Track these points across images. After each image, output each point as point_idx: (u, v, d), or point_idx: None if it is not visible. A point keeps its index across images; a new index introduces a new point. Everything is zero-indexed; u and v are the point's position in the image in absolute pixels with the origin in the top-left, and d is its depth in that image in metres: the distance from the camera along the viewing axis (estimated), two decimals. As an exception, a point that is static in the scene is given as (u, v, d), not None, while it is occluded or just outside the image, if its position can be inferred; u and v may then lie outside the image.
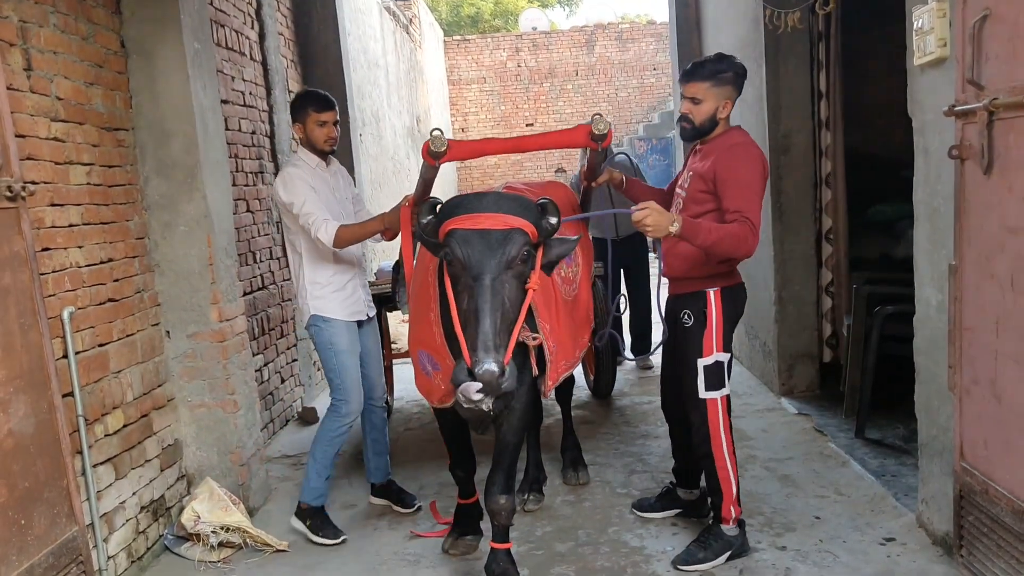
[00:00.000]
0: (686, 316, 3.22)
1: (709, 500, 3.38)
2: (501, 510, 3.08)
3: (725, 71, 3.12)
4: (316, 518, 3.76)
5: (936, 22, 2.87)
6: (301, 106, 3.75)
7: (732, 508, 3.27)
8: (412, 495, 4.07)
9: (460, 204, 2.71)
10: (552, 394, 3.34)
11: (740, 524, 3.31)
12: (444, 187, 15.43)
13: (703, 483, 3.46)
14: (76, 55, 3.36)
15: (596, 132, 2.94)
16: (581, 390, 5.69)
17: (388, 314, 5.47)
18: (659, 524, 3.68)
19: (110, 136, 3.59)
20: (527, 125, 18.26)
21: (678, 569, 3.22)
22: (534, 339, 2.96)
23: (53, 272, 3.11)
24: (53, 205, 3.15)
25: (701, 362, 3.18)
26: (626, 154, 6.18)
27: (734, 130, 3.19)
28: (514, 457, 3.16)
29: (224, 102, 4.72)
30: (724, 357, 3.20)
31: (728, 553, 3.24)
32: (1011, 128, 2.44)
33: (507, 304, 2.55)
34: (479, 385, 2.41)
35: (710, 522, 3.38)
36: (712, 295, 3.17)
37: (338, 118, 3.80)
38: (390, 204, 7.40)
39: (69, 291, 3.21)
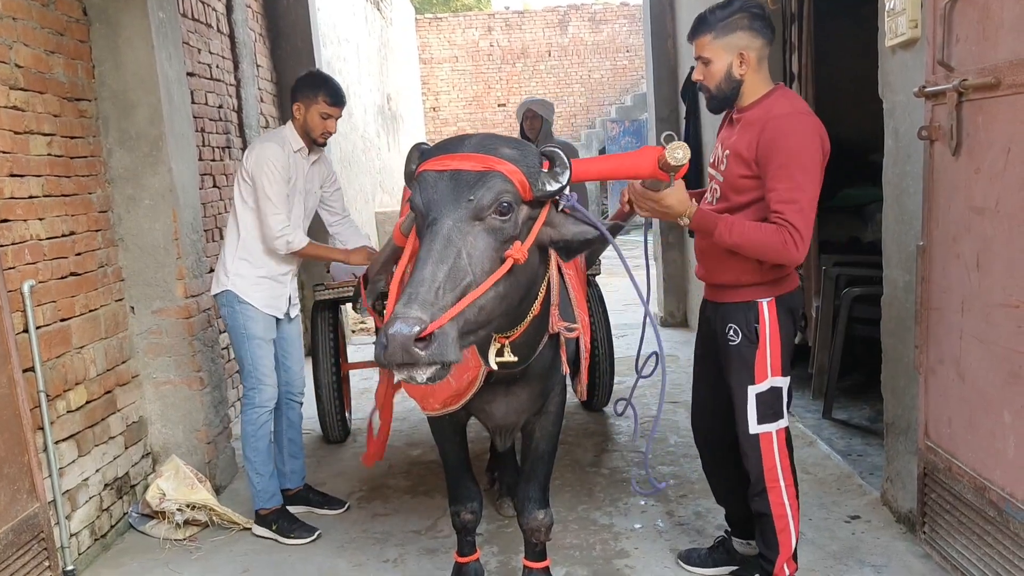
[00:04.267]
0: (732, 332, 2.60)
1: (758, 552, 2.79)
2: (540, 527, 2.73)
3: (729, 16, 2.47)
4: (281, 520, 3.55)
5: (908, 3, 2.88)
6: (312, 89, 3.41)
7: (787, 566, 2.69)
8: (338, 498, 3.82)
9: (441, 145, 2.15)
10: None
11: None
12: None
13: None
14: (36, 21, 3.27)
15: (671, 162, 2.21)
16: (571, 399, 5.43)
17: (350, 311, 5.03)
18: (627, 502, 3.70)
19: (72, 106, 3.50)
20: (499, 106, 18.18)
21: None
22: (571, 330, 2.45)
23: (12, 244, 3.04)
24: (12, 176, 3.07)
25: (753, 390, 2.57)
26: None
27: (777, 92, 2.51)
28: (550, 467, 2.80)
29: (190, 75, 4.62)
30: (782, 382, 2.60)
31: None
32: (979, 109, 2.46)
33: (464, 259, 1.90)
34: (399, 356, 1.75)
35: None
36: (766, 307, 2.56)
37: (341, 115, 3.52)
38: (359, 182, 7.25)
39: (29, 264, 3.13)
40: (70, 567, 3.18)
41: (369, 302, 3.10)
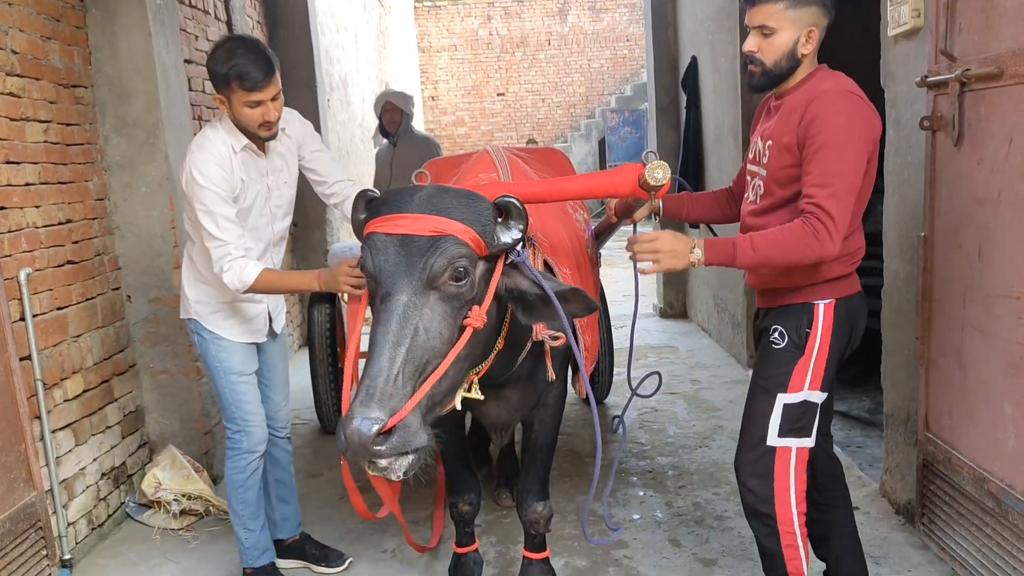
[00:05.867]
0: (777, 335, 2.30)
1: None
2: (539, 519, 2.71)
3: None
4: None
5: (911, -8, 2.85)
6: (221, 78, 2.62)
7: None
8: (338, 551, 3.25)
9: (388, 200, 2.02)
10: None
11: None
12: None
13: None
14: (32, 7, 3.24)
15: (650, 182, 2.15)
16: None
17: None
18: (627, 493, 3.70)
19: (68, 93, 3.47)
20: (498, 95, 18.08)
21: None
22: (554, 339, 2.38)
23: (9, 232, 3.02)
24: (8, 163, 3.04)
25: (783, 397, 2.28)
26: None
27: (821, 72, 2.26)
28: (549, 461, 2.76)
29: (187, 62, 4.58)
30: (818, 398, 2.29)
31: None
32: (982, 99, 2.44)
33: (422, 337, 1.83)
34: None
35: None
36: (822, 309, 2.25)
37: (279, 90, 2.69)
38: (358, 170, 7.15)
39: (26, 252, 3.11)
40: (67, 556, 3.17)
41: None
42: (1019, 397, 2.35)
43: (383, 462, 1.73)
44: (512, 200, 1.96)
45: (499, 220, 1.97)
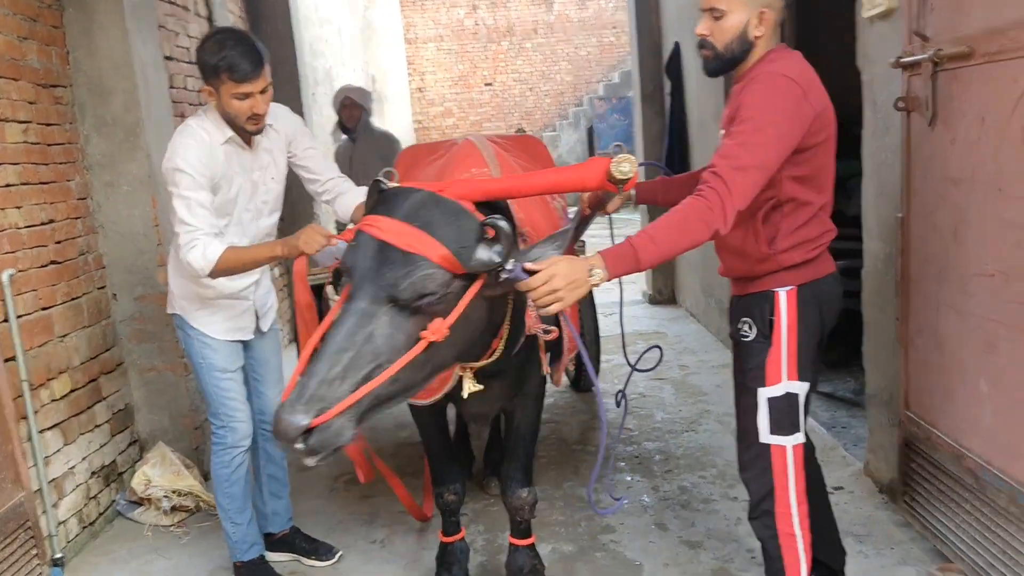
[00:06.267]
0: (745, 327, 2.28)
1: None
2: (524, 505, 2.74)
3: None
4: (256, 574, 3.09)
5: (886, -26, 2.87)
6: (211, 68, 2.61)
7: None
8: (327, 544, 3.27)
9: (386, 199, 2.05)
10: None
11: None
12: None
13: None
14: (8, 8, 3.23)
15: (617, 176, 2.06)
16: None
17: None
18: (613, 479, 3.72)
19: (47, 93, 3.47)
20: (486, 85, 18.04)
21: None
22: (547, 332, 2.44)
23: (-10, 233, 3.02)
24: (-13, 164, 3.04)
25: (764, 392, 2.24)
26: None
27: (772, 53, 2.17)
28: (532, 448, 2.82)
29: (168, 59, 4.57)
30: (799, 388, 2.24)
31: None
32: (954, 79, 2.46)
33: (371, 345, 1.85)
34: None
35: None
36: (783, 297, 2.20)
37: (269, 83, 2.67)
38: (343, 163, 6.97)
39: (8, 253, 3.11)
40: (59, 555, 3.19)
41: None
42: (994, 374, 2.38)
43: (303, 456, 1.80)
44: (501, 224, 1.92)
45: (484, 238, 1.95)
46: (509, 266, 1.94)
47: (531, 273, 1.90)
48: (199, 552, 3.39)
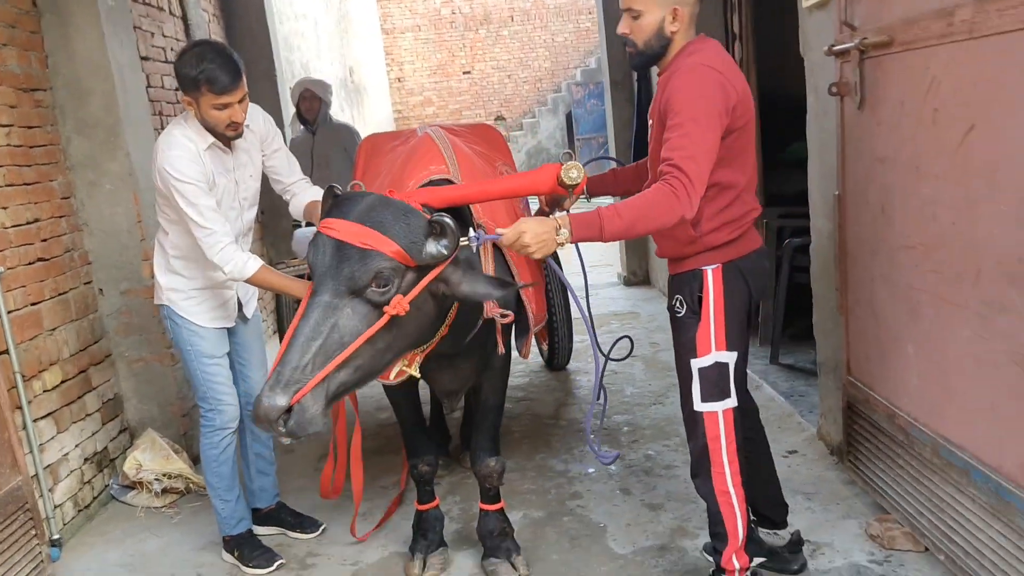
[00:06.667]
0: (677, 304, 2.48)
1: (712, 547, 2.61)
2: (492, 472, 2.93)
3: None
4: (244, 546, 3.25)
5: (821, -34, 3.05)
6: (191, 81, 2.77)
7: (736, 557, 2.51)
8: (312, 518, 3.47)
9: (340, 203, 2.28)
10: None
11: None
12: (382, 138, 15.34)
13: (792, 525, 2.85)
14: (-13, 16, 3.37)
15: (566, 181, 2.33)
16: (535, 359, 5.51)
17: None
18: (582, 450, 3.92)
19: (28, 97, 3.61)
20: (464, 73, 18.15)
21: None
22: (504, 316, 2.66)
23: (-21, 233, 3.17)
24: (-26, 167, 3.19)
25: (696, 363, 2.42)
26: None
27: (691, 45, 2.34)
28: (498, 420, 3.01)
29: (144, 59, 4.71)
30: (728, 357, 2.42)
31: None
32: (878, 65, 2.65)
33: (337, 333, 2.08)
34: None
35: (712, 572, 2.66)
36: (710, 274, 2.39)
37: (246, 92, 2.86)
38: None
39: (-3, 252, 3.27)
40: (56, 536, 3.36)
41: None
42: (919, 339, 2.58)
43: (282, 439, 2.08)
44: (446, 221, 2.16)
45: (433, 234, 2.18)
46: (473, 236, 2.25)
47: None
48: (190, 530, 3.57)
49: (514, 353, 3.00)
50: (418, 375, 2.63)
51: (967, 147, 2.21)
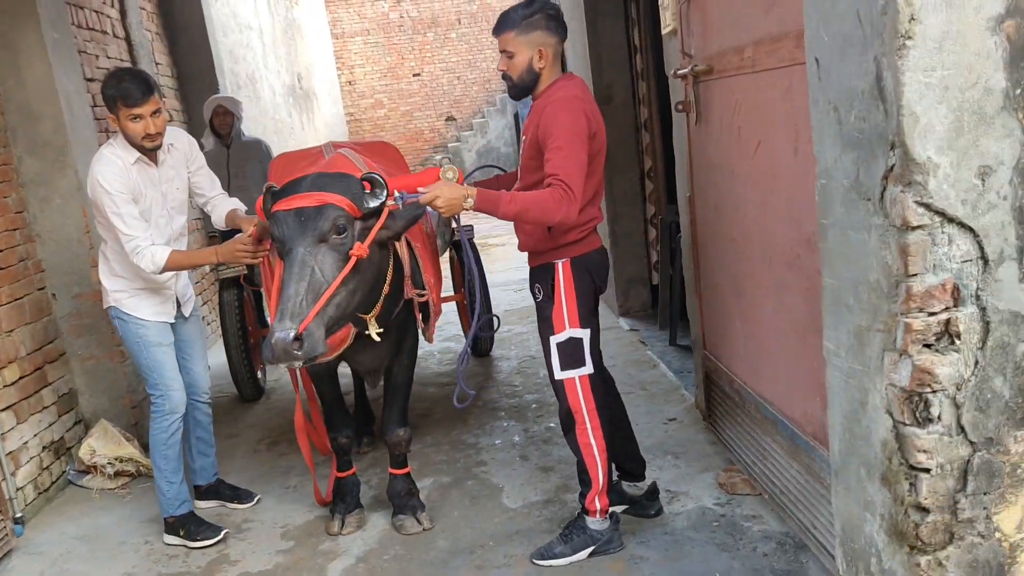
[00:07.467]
0: (537, 290, 2.97)
1: (581, 492, 3.08)
2: (400, 441, 3.43)
3: (531, 15, 2.80)
4: (188, 524, 3.57)
5: (670, 0, 3.57)
6: (109, 99, 3.23)
7: (598, 499, 3.00)
8: (248, 490, 3.91)
9: (284, 189, 2.81)
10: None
11: (611, 518, 3.07)
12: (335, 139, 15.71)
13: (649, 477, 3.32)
14: (-58, 52, 3.76)
15: (445, 177, 2.85)
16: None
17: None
18: (493, 425, 4.43)
19: (-19, 122, 4.02)
20: (414, 75, 18.56)
21: (534, 563, 3.07)
22: (420, 296, 3.22)
23: (-60, 247, 3.58)
24: (-66, 189, 3.60)
25: (554, 339, 2.91)
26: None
27: (561, 81, 2.83)
28: (407, 394, 3.53)
29: (90, 80, 5.10)
30: (581, 333, 2.89)
31: (591, 549, 3.02)
32: (707, 89, 3.18)
33: (317, 274, 2.62)
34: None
35: (577, 513, 3.13)
36: (560, 267, 2.87)
37: (160, 107, 3.28)
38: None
39: (-44, 263, 3.68)
40: (19, 515, 3.78)
41: None
42: (743, 314, 3.12)
43: (297, 363, 2.61)
44: (376, 176, 2.79)
45: (367, 191, 2.76)
46: (397, 196, 2.80)
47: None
48: (140, 507, 4.00)
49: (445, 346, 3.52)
50: (377, 334, 3.06)
51: (758, 158, 2.74)
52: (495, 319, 4.10)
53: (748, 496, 3.29)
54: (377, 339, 3.07)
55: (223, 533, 3.57)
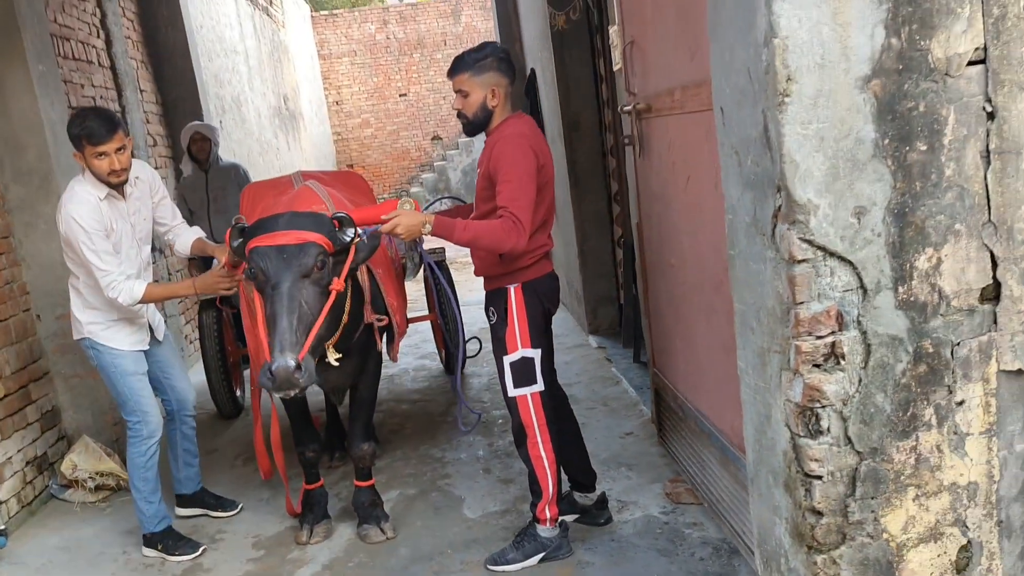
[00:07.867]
0: (491, 313, 3.16)
1: (532, 502, 3.25)
2: (364, 455, 3.60)
3: (483, 58, 3.02)
4: (168, 539, 3.70)
5: (617, 40, 3.81)
6: (74, 138, 3.35)
7: (548, 509, 3.17)
8: (231, 499, 4.08)
9: (260, 226, 2.98)
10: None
11: (561, 526, 3.24)
12: (321, 162, 15.98)
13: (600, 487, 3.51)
14: (-68, 87, 3.97)
15: (403, 207, 3.06)
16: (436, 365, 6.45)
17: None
18: (460, 440, 4.62)
19: (-30, 153, 4.22)
20: (401, 96, 18.86)
21: (488, 569, 3.23)
22: (380, 320, 3.45)
23: (-71, 272, 3.77)
24: (-76, 217, 3.79)
25: (507, 359, 3.09)
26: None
27: (511, 119, 3.05)
28: (371, 411, 3.75)
29: (73, 108, 5.31)
30: (532, 353, 3.08)
31: (541, 555, 3.20)
32: (648, 125, 3.41)
33: (304, 307, 2.84)
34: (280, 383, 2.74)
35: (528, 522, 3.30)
36: (512, 291, 3.07)
37: (124, 143, 3.38)
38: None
39: (-55, 287, 3.87)
40: (2, 527, 3.96)
41: None
42: (683, 334, 3.34)
43: (295, 391, 2.82)
44: (345, 216, 3.03)
45: (338, 229, 2.98)
46: (360, 232, 3.03)
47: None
48: (119, 519, 4.18)
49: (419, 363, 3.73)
50: (338, 354, 3.22)
51: (689, 191, 2.97)
52: (477, 341, 4.23)
53: (691, 505, 3.50)
54: (336, 364, 3.24)
55: (201, 550, 3.71)
